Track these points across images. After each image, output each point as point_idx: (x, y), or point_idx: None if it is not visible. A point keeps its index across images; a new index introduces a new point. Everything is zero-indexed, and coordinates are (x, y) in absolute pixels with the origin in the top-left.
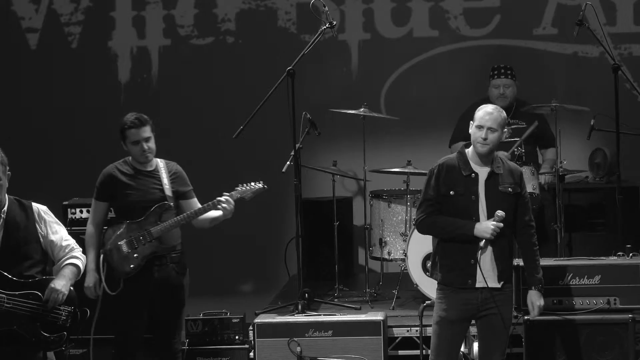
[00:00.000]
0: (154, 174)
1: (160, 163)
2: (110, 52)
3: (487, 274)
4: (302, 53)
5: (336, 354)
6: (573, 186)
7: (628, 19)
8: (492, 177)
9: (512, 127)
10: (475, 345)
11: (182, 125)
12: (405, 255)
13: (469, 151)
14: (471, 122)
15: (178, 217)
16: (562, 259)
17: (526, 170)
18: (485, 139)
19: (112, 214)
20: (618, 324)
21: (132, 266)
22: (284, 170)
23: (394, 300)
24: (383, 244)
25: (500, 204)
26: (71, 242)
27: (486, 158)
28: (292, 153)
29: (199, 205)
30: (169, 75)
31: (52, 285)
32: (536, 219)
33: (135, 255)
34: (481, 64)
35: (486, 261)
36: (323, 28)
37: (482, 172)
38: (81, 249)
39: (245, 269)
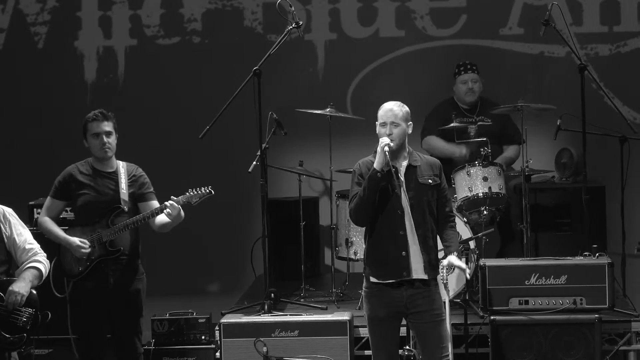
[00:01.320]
0: (113, 176)
1: (120, 166)
2: (76, 52)
3: (416, 266)
4: (268, 53)
5: (302, 354)
6: (539, 186)
7: (594, 19)
8: (410, 170)
9: (478, 124)
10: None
11: (149, 125)
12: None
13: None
14: (376, 122)
15: (126, 221)
16: (528, 259)
17: (492, 170)
18: (390, 134)
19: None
20: (584, 324)
21: (80, 268)
22: (250, 170)
23: (360, 300)
24: (349, 244)
25: (421, 194)
26: (35, 246)
27: (399, 153)
28: (259, 153)
29: (155, 206)
30: (136, 75)
31: (11, 287)
32: (502, 219)
33: (84, 257)
34: (447, 63)
35: (415, 252)
36: (289, 28)
37: (400, 165)
38: (45, 255)
39: (212, 269)
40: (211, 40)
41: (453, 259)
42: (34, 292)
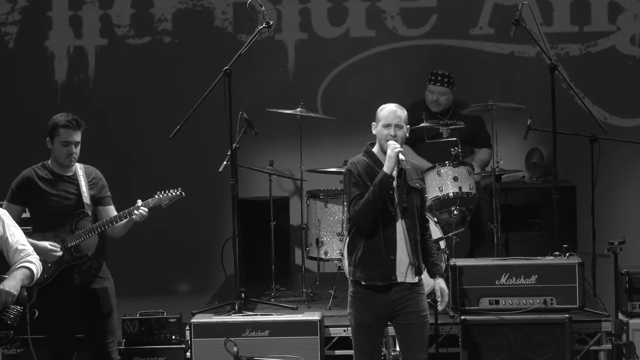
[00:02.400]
0: (72, 180)
1: (79, 168)
2: (46, 52)
3: (405, 269)
4: (239, 53)
5: (273, 353)
6: (510, 186)
7: (565, 19)
8: (402, 173)
9: (450, 127)
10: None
11: (119, 125)
12: (342, 255)
13: (376, 150)
14: (373, 123)
15: (93, 226)
16: (498, 258)
17: (463, 170)
18: (394, 136)
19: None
20: (555, 323)
21: (45, 275)
22: (220, 170)
23: (331, 300)
24: (320, 244)
25: (411, 199)
26: (28, 248)
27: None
28: (229, 153)
29: (115, 213)
30: (106, 75)
31: (1, 286)
32: (473, 219)
33: (49, 264)
34: (418, 63)
35: (405, 256)
36: (260, 28)
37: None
38: (38, 257)
39: (182, 268)
40: (182, 40)
41: (444, 285)
42: (24, 291)
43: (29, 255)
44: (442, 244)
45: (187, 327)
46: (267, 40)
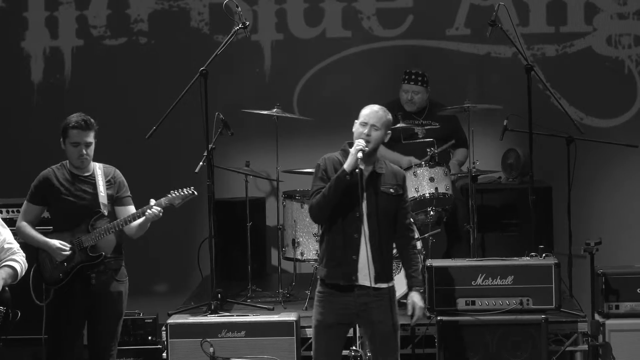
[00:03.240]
0: (90, 180)
1: (97, 168)
2: (23, 53)
3: (365, 273)
4: (215, 53)
5: (249, 354)
6: (486, 187)
7: (541, 20)
8: (373, 176)
9: (426, 127)
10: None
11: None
12: (318, 255)
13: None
14: (355, 120)
15: (107, 225)
16: (475, 259)
17: (439, 171)
18: (368, 135)
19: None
20: (531, 324)
21: (61, 275)
22: (196, 170)
23: (307, 301)
24: (296, 245)
25: (381, 204)
26: (14, 246)
27: (369, 158)
28: (205, 153)
29: (133, 210)
30: (82, 75)
31: None
32: (449, 220)
33: (65, 263)
34: (394, 64)
35: (366, 260)
36: (236, 28)
37: (365, 170)
38: (24, 255)
39: (158, 269)
40: (158, 40)
41: (417, 299)
42: (7, 289)
43: (15, 254)
44: (419, 244)
45: (164, 328)
46: (243, 40)
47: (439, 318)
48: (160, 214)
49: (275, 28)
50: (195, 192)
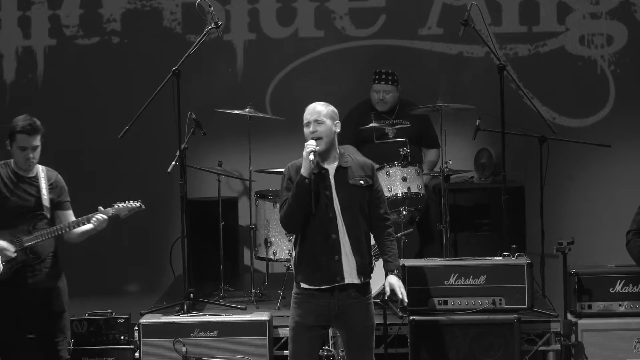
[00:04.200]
0: (34, 182)
1: (40, 170)
2: None
3: (348, 270)
4: (187, 53)
5: (222, 354)
6: (458, 186)
7: (513, 19)
8: (340, 171)
9: (396, 127)
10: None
11: (68, 125)
12: (291, 255)
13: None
14: (304, 127)
15: (51, 229)
16: (447, 259)
17: (411, 170)
18: (314, 132)
19: None
20: (504, 324)
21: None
22: (169, 170)
23: (279, 301)
24: (268, 244)
25: (353, 197)
26: None
27: (329, 154)
28: (178, 153)
29: (73, 218)
30: (55, 75)
31: None
32: (421, 219)
33: (3, 262)
34: (366, 64)
35: (347, 257)
36: (208, 28)
37: (331, 167)
38: None
39: (131, 269)
40: (130, 40)
41: (394, 281)
42: None
43: None
44: None
45: (136, 328)
46: (216, 40)
47: (411, 318)
48: (105, 223)
49: (248, 28)
50: (143, 206)
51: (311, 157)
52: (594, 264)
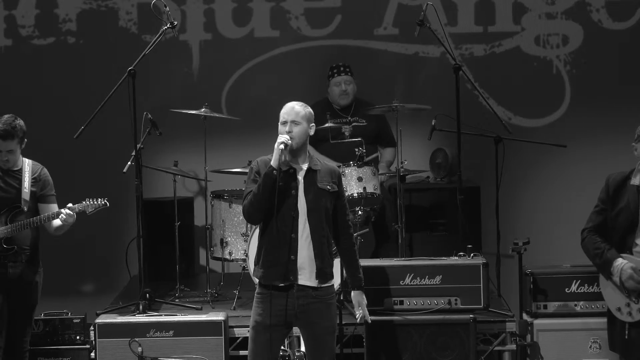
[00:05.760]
0: (17, 175)
1: (26, 164)
2: None
3: (306, 272)
4: (143, 53)
5: (177, 354)
6: (414, 186)
7: (469, 19)
8: (310, 173)
9: (352, 125)
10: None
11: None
12: (247, 255)
13: None
14: (279, 123)
15: (25, 220)
16: (403, 259)
17: (367, 170)
18: (290, 132)
19: None
20: (459, 324)
21: None
22: (125, 170)
23: (235, 301)
24: (224, 244)
25: (320, 200)
26: None
27: (300, 155)
28: (133, 153)
29: (53, 210)
30: (11, 75)
31: None
32: (377, 219)
33: None
34: (322, 64)
35: (307, 258)
36: (164, 28)
37: (301, 168)
38: None
39: (87, 269)
40: (86, 40)
41: (362, 299)
42: None
43: None
44: None
45: (92, 328)
46: (172, 40)
47: (366, 319)
48: (71, 219)
49: (204, 28)
50: (108, 204)
51: (281, 147)
52: (549, 264)
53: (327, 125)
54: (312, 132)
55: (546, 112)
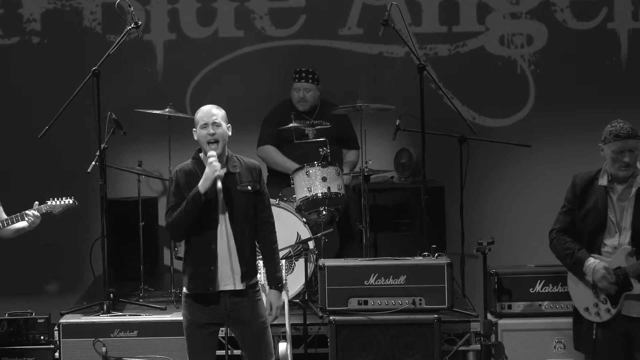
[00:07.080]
0: None
1: None
2: None
3: (228, 276)
4: (107, 53)
5: (142, 354)
6: (378, 186)
7: (433, 19)
8: (228, 177)
9: (317, 127)
10: (281, 345)
11: None
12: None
13: (202, 155)
14: (194, 129)
15: None
16: (367, 259)
17: (331, 170)
18: (213, 134)
19: None
20: (424, 324)
21: None
22: (89, 170)
23: None
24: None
25: (241, 204)
26: None
27: (221, 158)
28: (97, 153)
29: (4, 216)
30: None
31: None
32: (341, 219)
33: None
34: (287, 64)
35: (230, 265)
36: (128, 28)
37: (219, 175)
38: None
39: (51, 269)
40: (50, 40)
41: (273, 299)
42: None
43: None
44: (311, 244)
45: (56, 328)
46: (136, 40)
47: (331, 318)
48: (38, 220)
49: (168, 28)
50: (76, 202)
51: (219, 185)
52: (514, 264)
53: (291, 125)
54: (230, 133)
55: (511, 111)
